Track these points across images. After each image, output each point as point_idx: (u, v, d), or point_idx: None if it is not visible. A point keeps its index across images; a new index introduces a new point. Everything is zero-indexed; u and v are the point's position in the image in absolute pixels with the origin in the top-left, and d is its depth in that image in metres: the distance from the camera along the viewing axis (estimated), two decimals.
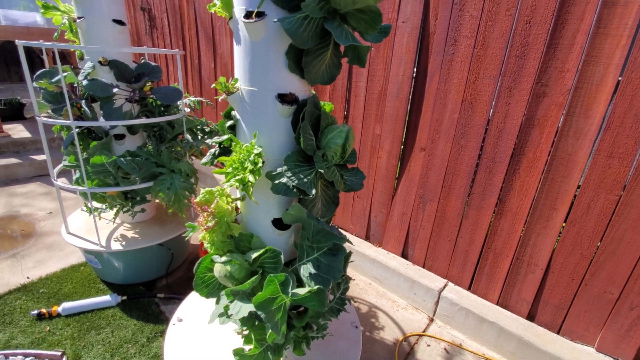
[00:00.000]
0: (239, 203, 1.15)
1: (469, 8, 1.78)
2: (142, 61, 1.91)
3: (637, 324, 1.59)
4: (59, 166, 1.98)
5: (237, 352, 1.07)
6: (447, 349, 1.92)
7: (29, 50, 8.45)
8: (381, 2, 2.05)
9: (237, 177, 0.91)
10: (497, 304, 2.02)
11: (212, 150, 1.15)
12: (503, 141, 1.82)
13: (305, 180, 0.93)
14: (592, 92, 1.53)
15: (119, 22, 1.77)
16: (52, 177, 1.84)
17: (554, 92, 1.63)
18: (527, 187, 1.79)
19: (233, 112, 1.06)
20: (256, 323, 1.05)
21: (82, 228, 2.05)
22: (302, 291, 0.90)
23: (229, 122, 1.05)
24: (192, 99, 2.09)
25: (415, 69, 2.05)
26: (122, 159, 1.73)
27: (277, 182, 0.95)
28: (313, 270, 1.03)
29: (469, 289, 2.13)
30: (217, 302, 1.14)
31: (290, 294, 0.89)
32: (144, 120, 1.76)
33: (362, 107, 2.34)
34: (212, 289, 1.11)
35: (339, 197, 1.13)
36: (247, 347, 1.09)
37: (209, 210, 1.03)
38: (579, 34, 1.51)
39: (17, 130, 4.14)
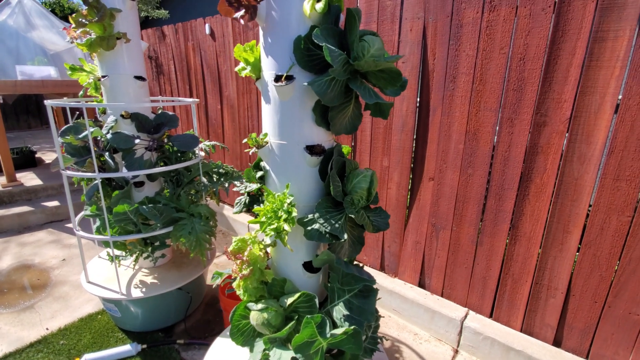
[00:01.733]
0: (269, 249, 1.19)
1: (465, 48, 1.90)
2: (160, 111, 2.02)
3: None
4: (80, 215, 2.02)
5: None
6: None
7: (38, 103, 8.75)
8: None
9: (272, 227, 0.96)
10: (521, 331, 2.00)
11: (242, 199, 1.20)
12: (509, 168, 1.89)
13: (337, 225, 0.98)
14: (591, 120, 1.62)
15: (140, 78, 1.89)
16: (75, 227, 1.88)
17: (554, 121, 1.71)
18: (539, 212, 1.84)
19: (262, 164, 1.12)
20: None
21: (101, 276, 2.06)
22: (338, 331, 0.92)
23: (259, 173, 1.11)
24: (207, 143, 2.18)
25: (418, 104, 2.16)
26: (144, 206, 1.78)
27: (309, 228, 1.00)
28: (346, 312, 1.05)
29: (490, 316, 2.11)
30: (252, 351, 1.14)
31: (329, 335, 0.91)
32: (165, 168, 1.83)
33: (369, 141, 2.43)
34: (247, 337, 1.12)
35: (364, 237, 1.17)
36: None
37: (243, 258, 1.07)
38: (572, 68, 1.62)
39: (29, 178, 4.22)
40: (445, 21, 1.94)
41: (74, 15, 1.54)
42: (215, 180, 2.11)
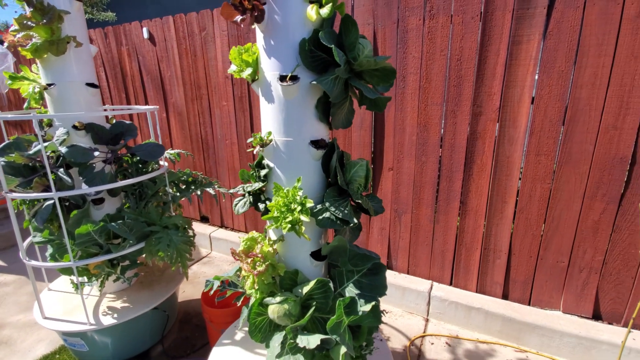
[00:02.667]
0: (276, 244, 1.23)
1: (411, 51, 2.16)
2: (114, 121, 1.87)
3: (588, 283, 2.01)
4: (27, 242, 1.77)
5: None
6: (448, 342, 2.14)
7: None
8: None
9: (288, 219, 1.01)
10: (476, 292, 2.33)
11: (242, 200, 1.21)
12: (456, 153, 2.19)
13: (346, 211, 1.08)
14: (515, 108, 1.98)
15: (92, 85, 1.73)
16: (23, 257, 1.65)
17: (487, 111, 2.05)
18: (482, 188, 2.17)
19: (264, 162, 1.16)
20: (315, 353, 1.12)
21: (58, 309, 1.83)
22: (366, 308, 1.01)
23: (264, 171, 1.15)
24: (171, 151, 2.08)
25: None
26: (113, 224, 1.64)
27: (321, 217, 1.08)
28: (357, 291, 1.16)
29: (450, 284, 2.41)
30: (268, 346, 1.17)
31: (360, 312, 1.00)
32: (130, 181, 1.71)
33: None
34: (264, 333, 1.15)
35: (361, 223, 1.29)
36: None
37: (258, 254, 1.10)
38: (498, 66, 1.96)
39: None
40: (392, 27, 2.17)
41: (17, 17, 1.35)
42: (185, 188, 2.03)
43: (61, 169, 1.61)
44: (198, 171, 3.29)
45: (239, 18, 0.96)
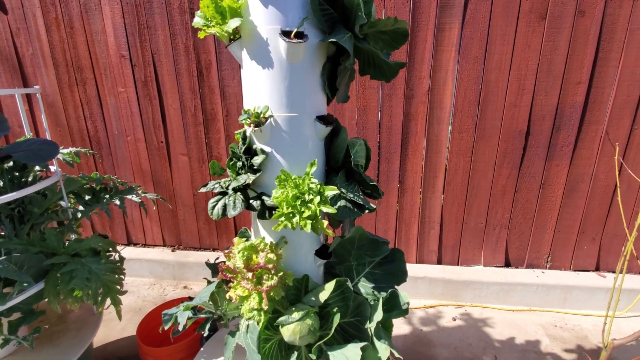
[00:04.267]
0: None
1: None
2: None
3: (500, 238, 2.39)
4: None
5: None
6: None
7: None
8: None
9: (306, 214, 0.82)
10: (416, 262, 2.52)
11: (224, 200, 0.93)
12: (393, 135, 2.29)
13: (362, 197, 0.95)
14: (441, 91, 2.18)
15: None
16: None
17: (418, 94, 2.20)
18: (416, 167, 2.34)
19: (256, 146, 0.91)
20: None
21: None
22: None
23: (258, 159, 0.89)
24: (65, 151, 1.51)
25: None
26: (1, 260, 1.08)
27: (337, 206, 0.92)
28: (371, 284, 1.06)
29: None
30: None
31: (404, 307, 0.90)
32: (8, 197, 1.16)
33: None
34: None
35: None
36: None
37: (267, 266, 0.86)
38: (426, 52, 2.11)
39: None
40: None
41: None
42: (88, 200, 1.52)
43: None
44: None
45: None
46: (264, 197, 0.94)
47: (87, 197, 1.54)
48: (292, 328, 0.89)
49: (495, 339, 2.04)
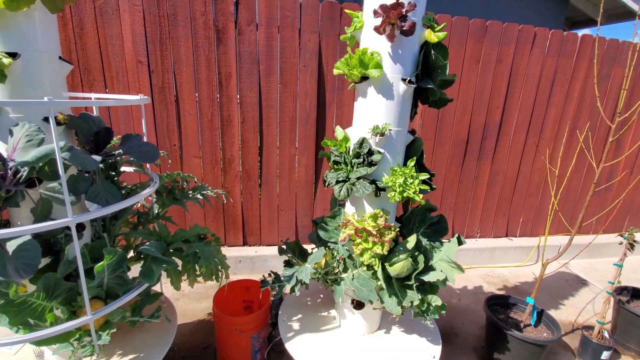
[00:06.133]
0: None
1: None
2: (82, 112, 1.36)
3: (449, 218, 3.23)
4: None
5: None
6: None
7: None
8: (284, 49, 2.50)
9: (412, 190, 1.34)
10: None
11: (358, 184, 1.36)
12: None
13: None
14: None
15: (64, 60, 1.20)
16: None
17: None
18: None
19: (375, 148, 1.37)
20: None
21: None
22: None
23: (376, 157, 1.35)
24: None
25: (317, 101, 2.71)
26: (146, 246, 1.26)
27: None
28: (425, 239, 1.63)
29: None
30: (383, 302, 1.43)
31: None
32: (144, 194, 1.35)
33: (276, 134, 2.69)
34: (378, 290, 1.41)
35: None
36: None
37: (390, 225, 1.34)
38: None
39: None
40: (334, 39, 2.59)
41: None
42: (178, 194, 1.72)
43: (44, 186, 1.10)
44: None
45: (388, 29, 1.18)
46: (377, 182, 1.41)
47: (176, 192, 1.72)
48: (400, 265, 1.39)
49: (455, 288, 2.84)
